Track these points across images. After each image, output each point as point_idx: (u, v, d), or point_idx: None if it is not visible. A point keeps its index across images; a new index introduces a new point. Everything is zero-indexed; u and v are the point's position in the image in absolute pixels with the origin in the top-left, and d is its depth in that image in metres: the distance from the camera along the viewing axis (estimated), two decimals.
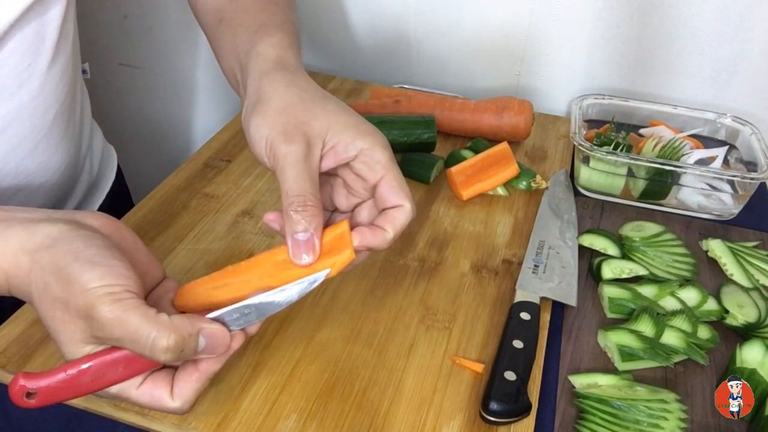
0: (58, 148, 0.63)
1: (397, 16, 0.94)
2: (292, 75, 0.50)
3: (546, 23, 0.88)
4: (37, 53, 0.57)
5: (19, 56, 0.55)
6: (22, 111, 0.57)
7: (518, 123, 0.80)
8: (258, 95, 0.48)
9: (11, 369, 0.50)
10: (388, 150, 0.47)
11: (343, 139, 0.46)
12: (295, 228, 0.43)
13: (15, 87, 0.56)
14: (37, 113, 0.59)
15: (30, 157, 0.60)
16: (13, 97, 0.56)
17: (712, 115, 0.80)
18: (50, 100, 0.60)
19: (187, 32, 1.06)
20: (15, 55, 0.55)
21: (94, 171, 0.76)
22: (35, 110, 0.59)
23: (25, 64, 0.56)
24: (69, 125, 0.65)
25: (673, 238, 0.67)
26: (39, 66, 0.58)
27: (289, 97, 0.48)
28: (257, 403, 0.49)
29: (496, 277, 0.62)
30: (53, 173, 0.64)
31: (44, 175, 0.63)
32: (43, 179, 0.63)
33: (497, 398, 0.48)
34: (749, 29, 0.80)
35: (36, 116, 0.59)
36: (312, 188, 0.44)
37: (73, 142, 0.67)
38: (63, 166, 0.65)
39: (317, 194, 0.44)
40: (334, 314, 0.56)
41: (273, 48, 0.53)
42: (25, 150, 0.59)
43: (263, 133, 0.46)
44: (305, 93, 0.49)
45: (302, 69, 0.53)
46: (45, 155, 0.62)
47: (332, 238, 0.45)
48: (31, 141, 0.59)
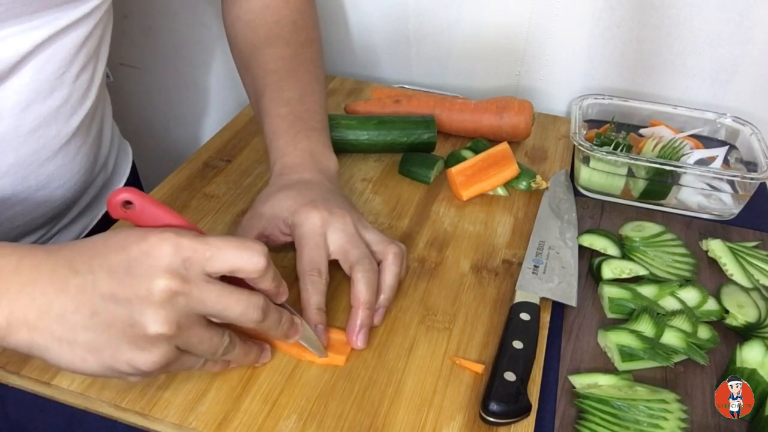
0: (79, 152, 0.65)
1: (397, 16, 0.94)
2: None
3: (546, 23, 0.88)
4: (71, 62, 0.59)
5: (57, 63, 0.58)
6: (50, 116, 0.59)
7: (518, 123, 0.80)
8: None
9: (11, 369, 0.50)
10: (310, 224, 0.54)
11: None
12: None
13: (48, 92, 0.58)
14: (63, 118, 0.61)
15: (52, 160, 0.62)
16: (45, 102, 0.58)
17: (712, 115, 0.80)
18: (76, 106, 0.62)
19: (188, 32, 1.06)
20: (54, 61, 0.58)
21: (109, 168, 0.77)
22: (62, 116, 0.61)
23: (60, 72, 0.59)
24: (90, 131, 0.67)
25: (673, 238, 0.67)
26: (70, 74, 0.60)
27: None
28: (257, 403, 0.49)
29: (496, 278, 0.62)
30: (72, 175, 0.66)
31: (63, 177, 0.64)
32: (62, 181, 0.65)
33: (497, 399, 0.48)
34: (749, 29, 0.80)
35: (61, 121, 0.61)
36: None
37: (94, 147, 0.69)
38: (82, 170, 0.67)
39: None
40: (334, 314, 0.56)
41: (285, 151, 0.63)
42: (49, 152, 0.61)
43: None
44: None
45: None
46: (66, 159, 0.64)
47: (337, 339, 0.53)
48: (55, 144, 0.61)
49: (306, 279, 0.53)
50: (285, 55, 0.68)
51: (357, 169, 0.77)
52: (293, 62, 0.68)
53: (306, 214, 0.54)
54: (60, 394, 0.50)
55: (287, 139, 0.63)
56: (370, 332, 0.54)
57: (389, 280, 0.55)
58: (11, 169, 0.59)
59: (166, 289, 0.40)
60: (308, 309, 0.52)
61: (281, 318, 0.47)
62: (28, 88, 0.57)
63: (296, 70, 0.68)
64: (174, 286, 0.40)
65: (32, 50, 0.55)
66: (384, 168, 0.77)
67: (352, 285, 0.53)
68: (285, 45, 0.69)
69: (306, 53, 0.70)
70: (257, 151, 0.79)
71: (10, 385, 0.51)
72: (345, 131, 0.77)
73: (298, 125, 0.64)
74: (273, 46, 0.69)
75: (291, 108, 0.65)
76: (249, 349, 0.49)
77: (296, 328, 0.49)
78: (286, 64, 0.68)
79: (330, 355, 0.52)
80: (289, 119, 0.64)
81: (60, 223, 0.70)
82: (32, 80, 0.57)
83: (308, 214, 0.54)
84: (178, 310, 0.40)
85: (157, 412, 0.48)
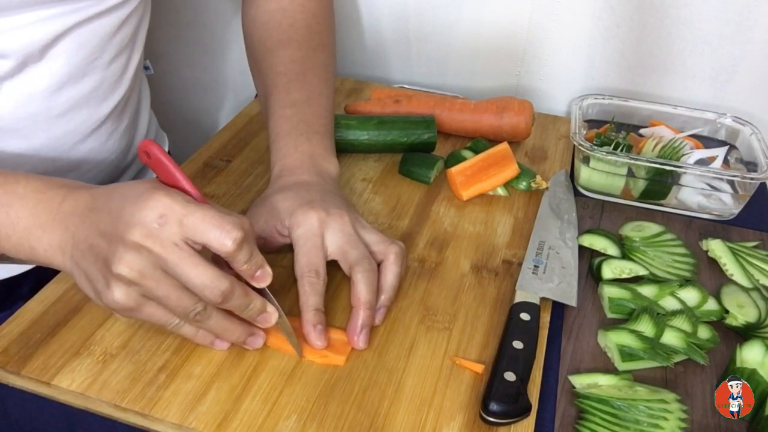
0: (111, 138, 0.68)
1: (397, 15, 0.94)
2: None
3: (546, 23, 0.88)
4: (103, 48, 0.62)
5: (89, 48, 0.60)
6: (81, 99, 0.62)
7: (518, 123, 0.80)
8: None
9: (11, 369, 0.50)
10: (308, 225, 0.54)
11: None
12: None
13: (79, 76, 0.61)
14: (95, 103, 0.64)
15: (83, 143, 0.65)
16: (77, 85, 0.61)
17: (712, 115, 0.80)
18: (107, 93, 0.65)
19: (187, 32, 1.06)
20: (87, 46, 0.60)
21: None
22: (93, 100, 0.64)
23: (93, 57, 0.61)
24: (123, 117, 0.70)
25: (673, 238, 0.67)
26: (103, 60, 0.63)
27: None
28: (257, 404, 0.49)
29: (496, 278, 0.62)
30: (104, 159, 0.68)
31: (95, 161, 0.67)
32: (94, 164, 0.67)
33: (497, 399, 0.48)
34: (749, 29, 0.80)
35: (93, 106, 0.64)
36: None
37: (127, 133, 0.71)
38: (114, 155, 0.69)
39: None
40: (334, 315, 0.56)
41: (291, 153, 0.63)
42: (80, 136, 0.64)
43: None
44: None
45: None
46: (97, 143, 0.66)
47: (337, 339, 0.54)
48: (86, 128, 0.64)
49: (304, 280, 0.53)
50: (296, 57, 0.69)
51: (357, 169, 0.77)
52: (303, 65, 0.68)
53: (303, 215, 0.54)
54: (60, 394, 0.50)
55: (289, 141, 0.63)
56: (371, 332, 0.54)
57: (390, 280, 0.55)
58: (42, 150, 0.61)
59: (134, 239, 0.43)
60: (306, 310, 0.52)
61: (249, 304, 0.48)
62: (59, 71, 0.59)
63: (306, 73, 0.68)
64: (140, 238, 0.43)
65: (63, 33, 0.57)
66: (384, 168, 0.77)
67: (352, 285, 0.53)
68: (297, 48, 0.69)
69: (317, 57, 0.70)
70: (257, 151, 0.79)
71: (10, 385, 0.51)
72: (345, 131, 0.77)
73: (302, 128, 0.64)
74: (285, 49, 0.69)
75: (296, 110, 0.65)
76: (230, 326, 0.50)
77: (266, 316, 0.50)
78: (296, 67, 0.68)
79: (330, 355, 0.52)
80: (293, 121, 0.64)
81: None
82: (64, 64, 0.59)
83: (305, 214, 0.54)
84: (143, 260, 0.44)
85: (157, 412, 0.48)
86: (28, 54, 0.56)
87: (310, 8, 0.73)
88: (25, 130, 0.60)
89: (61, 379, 0.50)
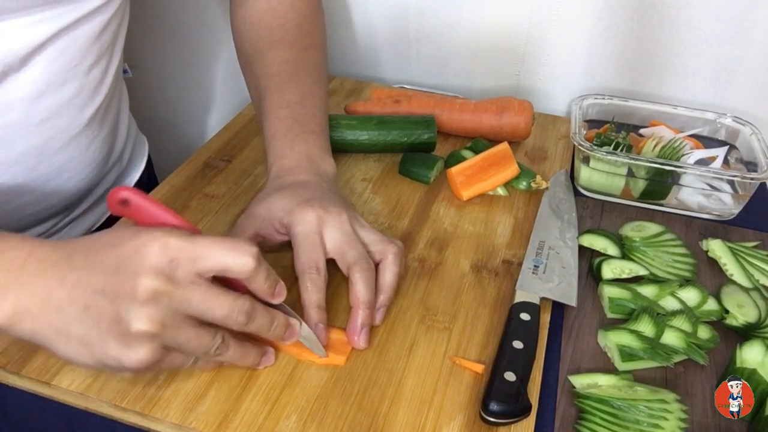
0: (91, 144, 0.66)
1: (397, 16, 0.94)
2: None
3: (546, 23, 0.88)
4: (84, 55, 0.60)
5: (69, 55, 0.59)
6: (61, 107, 0.61)
7: (518, 123, 0.80)
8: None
9: (11, 369, 0.50)
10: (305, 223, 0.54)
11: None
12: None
13: (59, 84, 0.59)
14: (75, 110, 0.62)
15: (63, 150, 0.63)
16: (57, 93, 0.60)
17: (712, 115, 0.80)
18: (88, 99, 0.63)
19: (187, 32, 1.06)
20: (66, 53, 0.59)
21: (124, 161, 0.78)
22: (73, 107, 0.62)
23: (72, 64, 0.60)
24: (104, 124, 0.68)
25: (673, 238, 0.67)
26: (83, 66, 0.61)
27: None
28: (257, 403, 0.49)
29: (496, 278, 0.62)
30: (85, 167, 0.67)
31: (75, 168, 0.66)
32: (74, 172, 0.66)
33: (497, 399, 0.48)
34: (749, 29, 0.80)
35: (73, 113, 0.62)
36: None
37: (108, 139, 0.70)
38: (95, 162, 0.68)
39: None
40: (334, 315, 0.56)
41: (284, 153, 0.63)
42: (59, 143, 0.62)
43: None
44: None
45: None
46: (78, 150, 0.65)
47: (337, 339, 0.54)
48: (66, 135, 0.63)
49: (305, 277, 0.53)
50: (288, 58, 0.69)
51: (357, 169, 0.77)
52: (295, 66, 0.68)
53: (302, 213, 0.54)
54: (60, 394, 0.50)
55: (285, 142, 0.63)
56: (371, 332, 0.54)
57: (389, 280, 0.55)
58: (21, 158, 0.60)
59: (150, 288, 0.40)
60: (308, 307, 0.52)
61: (273, 321, 0.47)
62: (39, 79, 0.57)
63: (298, 73, 0.68)
64: (158, 285, 0.41)
65: (44, 42, 0.56)
66: (384, 168, 0.77)
67: (351, 285, 0.53)
68: (288, 48, 0.69)
69: (309, 57, 0.70)
70: (257, 151, 0.79)
71: (10, 385, 0.51)
72: (345, 131, 0.77)
73: (297, 128, 0.64)
74: (276, 49, 0.69)
75: (291, 111, 0.65)
76: (246, 351, 0.49)
77: (292, 330, 0.49)
78: (289, 68, 0.68)
79: (330, 355, 0.52)
80: (288, 122, 0.64)
81: (72, 214, 0.71)
82: (44, 72, 0.57)
83: (304, 213, 0.54)
84: (163, 308, 0.41)
85: (157, 412, 0.48)
86: (8, 64, 0.54)
87: (300, 8, 0.73)
88: (4, 138, 0.58)
89: (61, 379, 0.50)
